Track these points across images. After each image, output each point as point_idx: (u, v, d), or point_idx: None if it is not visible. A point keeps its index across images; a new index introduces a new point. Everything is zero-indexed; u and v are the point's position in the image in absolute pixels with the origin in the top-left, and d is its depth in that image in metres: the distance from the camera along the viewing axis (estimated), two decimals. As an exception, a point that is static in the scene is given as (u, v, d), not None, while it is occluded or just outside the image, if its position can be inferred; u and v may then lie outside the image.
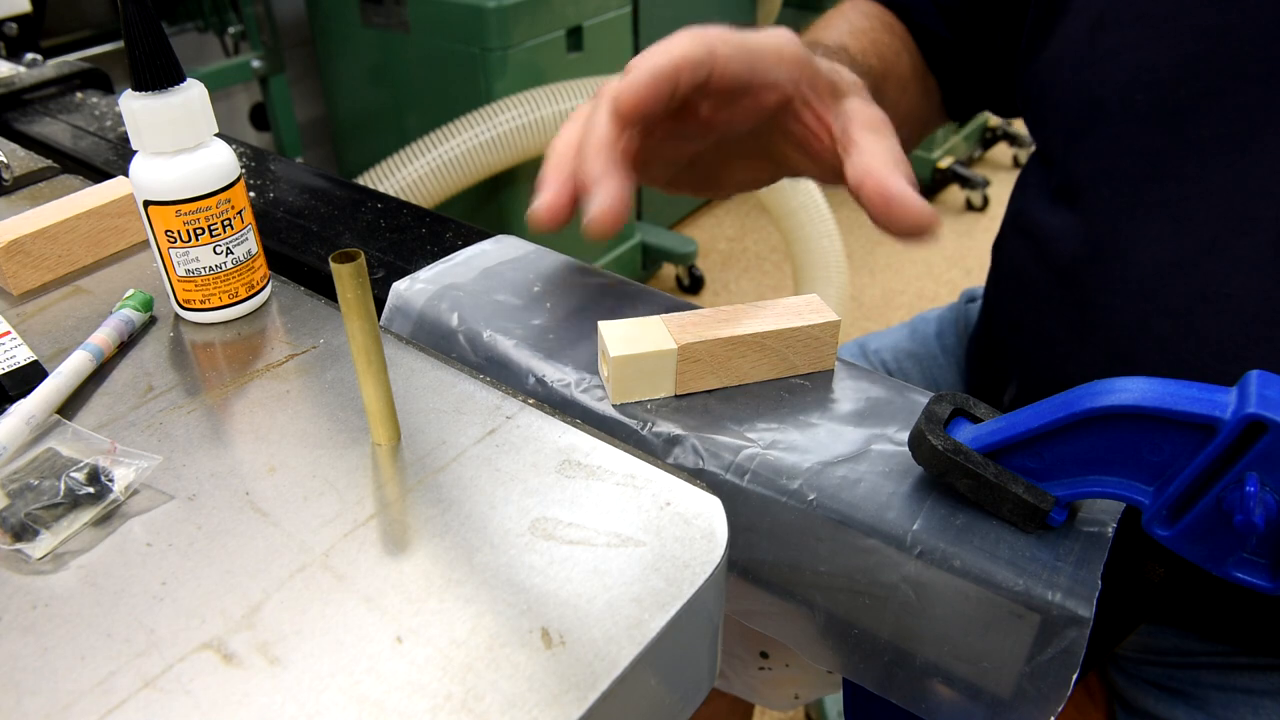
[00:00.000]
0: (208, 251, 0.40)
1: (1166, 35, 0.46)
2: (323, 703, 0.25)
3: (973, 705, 0.32)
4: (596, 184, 0.37)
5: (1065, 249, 0.52)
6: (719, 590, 0.30)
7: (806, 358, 0.38)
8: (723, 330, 0.37)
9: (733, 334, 0.36)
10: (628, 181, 0.37)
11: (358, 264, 0.29)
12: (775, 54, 0.39)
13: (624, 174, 0.37)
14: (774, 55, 0.39)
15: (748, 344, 0.37)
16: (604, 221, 0.36)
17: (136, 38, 0.36)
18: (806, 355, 0.38)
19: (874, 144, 0.40)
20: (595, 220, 0.36)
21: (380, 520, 0.30)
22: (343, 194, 0.57)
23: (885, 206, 0.38)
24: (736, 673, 0.58)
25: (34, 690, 0.25)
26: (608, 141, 0.38)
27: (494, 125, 1.59)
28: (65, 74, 0.73)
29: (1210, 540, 0.28)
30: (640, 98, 0.36)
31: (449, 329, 0.42)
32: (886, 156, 0.39)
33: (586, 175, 0.37)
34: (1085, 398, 0.29)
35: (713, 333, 0.36)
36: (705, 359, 0.37)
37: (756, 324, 0.37)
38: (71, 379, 0.36)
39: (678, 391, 0.37)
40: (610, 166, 0.37)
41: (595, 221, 0.36)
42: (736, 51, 0.38)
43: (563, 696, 0.25)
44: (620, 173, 0.37)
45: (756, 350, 0.37)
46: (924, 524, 0.32)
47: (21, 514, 0.30)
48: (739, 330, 0.37)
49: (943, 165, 2.55)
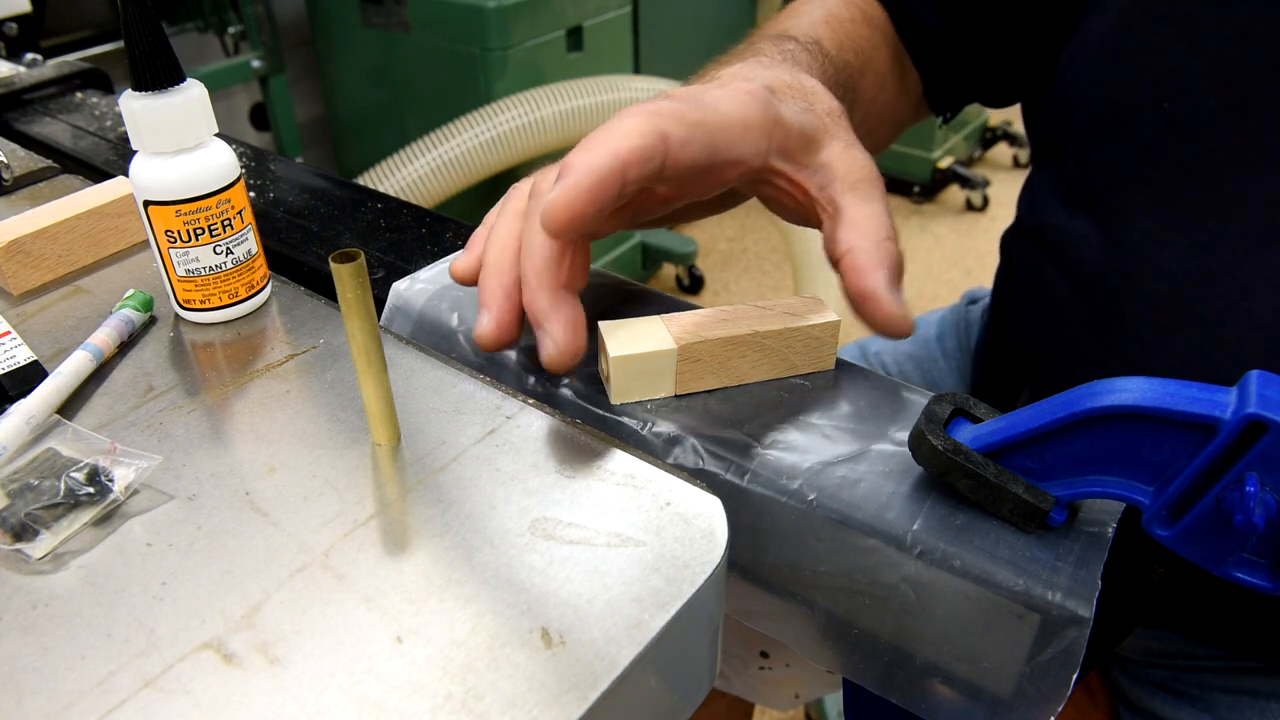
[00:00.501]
0: (208, 251, 0.40)
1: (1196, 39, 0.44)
2: (323, 703, 0.25)
3: (973, 705, 0.32)
4: (546, 319, 0.34)
5: (1085, 256, 0.51)
6: (719, 590, 0.30)
7: (807, 358, 0.38)
8: (723, 330, 0.37)
9: (733, 334, 0.36)
10: (578, 309, 0.35)
11: (358, 264, 0.29)
12: (740, 127, 0.35)
13: (573, 303, 0.34)
14: (738, 129, 0.34)
15: (748, 344, 0.37)
16: (564, 361, 0.34)
17: (136, 38, 0.36)
18: (807, 355, 0.38)
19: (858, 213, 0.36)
20: (553, 362, 0.34)
21: (380, 520, 0.30)
22: (343, 194, 0.57)
23: (860, 301, 0.36)
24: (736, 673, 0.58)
25: (34, 690, 0.25)
26: (549, 263, 0.34)
27: (494, 125, 1.59)
28: (65, 74, 0.73)
29: (1210, 540, 0.28)
30: (576, 213, 0.31)
31: (449, 329, 0.42)
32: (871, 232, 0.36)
33: (532, 308, 0.34)
34: (1085, 397, 0.29)
35: (713, 333, 0.36)
36: (705, 359, 0.37)
37: (757, 324, 0.37)
38: (71, 379, 0.36)
39: (678, 391, 0.37)
40: (556, 299, 0.34)
41: (554, 362, 0.34)
42: (693, 134, 0.33)
43: (563, 696, 0.25)
44: (569, 303, 0.34)
45: (757, 350, 0.37)
46: (924, 524, 0.32)
47: (21, 514, 0.30)
48: (739, 330, 0.37)
49: (943, 165, 2.55)
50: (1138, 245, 0.48)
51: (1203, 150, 0.45)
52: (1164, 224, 0.47)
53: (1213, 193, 0.45)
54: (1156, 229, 0.47)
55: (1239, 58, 0.43)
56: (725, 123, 0.34)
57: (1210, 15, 0.44)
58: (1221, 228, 0.45)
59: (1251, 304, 0.44)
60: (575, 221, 0.32)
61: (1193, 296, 0.46)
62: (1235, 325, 0.45)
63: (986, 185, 2.56)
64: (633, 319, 0.37)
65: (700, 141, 0.33)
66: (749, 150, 0.35)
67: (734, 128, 0.34)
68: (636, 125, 0.32)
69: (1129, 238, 0.48)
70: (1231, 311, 0.45)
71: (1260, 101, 0.43)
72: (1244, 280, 0.44)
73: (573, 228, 0.32)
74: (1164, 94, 0.46)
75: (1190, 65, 0.45)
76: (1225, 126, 0.44)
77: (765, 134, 0.35)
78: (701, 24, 2.31)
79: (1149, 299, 0.47)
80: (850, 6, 0.58)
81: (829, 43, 0.53)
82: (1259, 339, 0.44)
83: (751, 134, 0.35)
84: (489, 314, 0.36)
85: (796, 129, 0.36)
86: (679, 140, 0.33)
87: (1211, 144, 0.45)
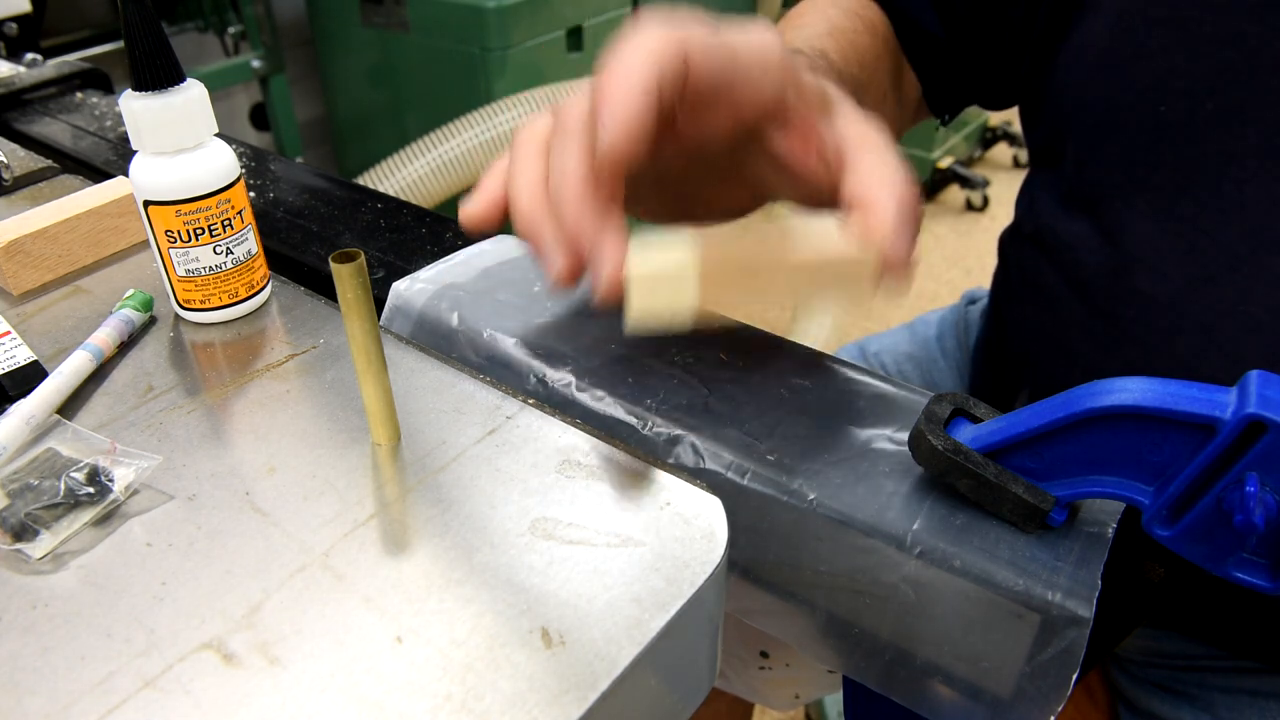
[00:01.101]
0: (208, 251, 0.40)
1: (1196, 41, 0.44)
2: (323, 703, 0.25)
3: (973, 705, 0.32)
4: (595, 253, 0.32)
5: (1083, 259, 0.50)
6: (719, 590, 0.30)
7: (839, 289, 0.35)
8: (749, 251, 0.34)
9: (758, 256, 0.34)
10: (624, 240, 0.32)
11: (358, 264, 0.29)
12: (759, 57, 0.33)
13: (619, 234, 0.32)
14: (757, 58, 0.33)
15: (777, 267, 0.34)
16: (615, 295, 0.32)
17: (136, 38, 0.36)
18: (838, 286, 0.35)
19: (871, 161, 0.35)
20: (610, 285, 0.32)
21: (380, 520, 0.30)
22: (343, 194, 0.57)
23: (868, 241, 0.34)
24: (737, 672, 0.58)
25: (34, 690, 0.25)
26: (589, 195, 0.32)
27: (494, 125, 1.59)
28: (65, 74, 0.73)
29: (1210, 540, 0.28)
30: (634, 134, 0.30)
31: (449, 329, 0.42)
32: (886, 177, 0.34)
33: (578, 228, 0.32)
34: (1085, 397, 0.29)
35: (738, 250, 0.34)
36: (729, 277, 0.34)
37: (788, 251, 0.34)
38: (71, 379, 0.36)
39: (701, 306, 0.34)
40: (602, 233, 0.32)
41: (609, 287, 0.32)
42: (713, 51, 0.32)
43: (563, 696, 0.25)
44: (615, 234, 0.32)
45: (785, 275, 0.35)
46: (924, 524, 0.32)
47: (21, 514, 0.30)
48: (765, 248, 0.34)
49: (943, 165, 2.55)
50: (1135, 248, 0.48)
51: (1200, 153, 0.45)
52: (1161, 227, 0.47)
53: (1210, 196, 0.45)
54: (1154, 232, 0.47)
55: (1237, 60, 0.43)
56: (746, 49, 0.33)
57: (1208, 18, 0.44)
58: (1219, 231, 0.44)
59: (1249, 307, 0.44)
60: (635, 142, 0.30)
61: (1190, 299, 0.46)
62: (1233, 328, 0.44)
63: (986, 185, 2.56)
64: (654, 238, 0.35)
65: (720, 61, 0.32)
66: (767, 81, 0.34)
67: (754, 56, 0.33)
68: (659, 36, 0.31)
69: (1126, 240, 0.48)
70: (1229, 314, 0.45)
71: (1258, 104, 0.43)
72: (1241, 283, 0.44)
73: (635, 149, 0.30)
74: (1162, 97, 0.45)
75: (1188, 68, 0.44)
76: (1223, 129, 0.44)
77: (781, 66, 0.34)
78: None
79: (1146, 302, 0.47)
80: (852, 16, 0.57)
81: (835, 56, 0.52)
82: (1257, 342, 0.44)
83: (770, 66, 0.34)
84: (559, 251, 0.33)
85: (812, 84, 0.36)
86: (700, 53, 0.31)
87: (1209, 147, 0.44)
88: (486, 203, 0.37)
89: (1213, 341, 0.45)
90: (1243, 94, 0.43)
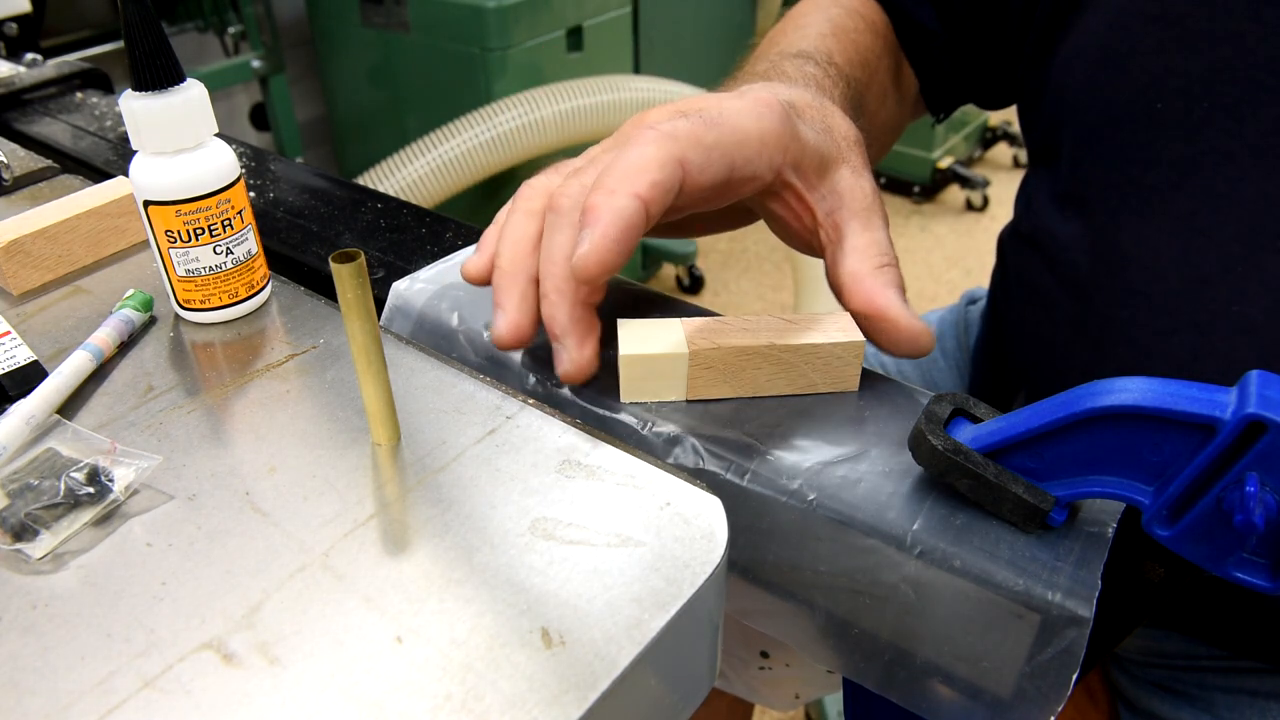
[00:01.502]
0: (208, 251, 0.40)
1: (1192, 39, 0.44)
2: (323, 703, 0.25)
3: (973, 705, 0.32)
4: (564, 334, 0.34)
5: (1077, 260, 0.50)
6: (719, 590, 0.30)
7: (828, 377, 0.37)
8: (739, 339, 0.36)
9: (749, 344, 0.35)
10: (595, 325, 0.35)
11: (358, 264, 0.29)
12: (757, 142, 0.35)
13: (590, 318, 0.35)
14: (755, 144, 0.35)
15: (764, 356, 0.36)
16: (580, 375, 0.35)
17: (136, 38, 0.36)
18: (828, 374, 0.37)
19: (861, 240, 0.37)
20: (569, 376, 0.35)
21: (380, 520, 0.30)
22: (343, 194, 0.57)
23: (873, 320, 0.36)
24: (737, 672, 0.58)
25: (34, 690, 0.25)
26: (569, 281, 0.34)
27: (494, 125, 1.59)
28: (65, 74, 0.73)
29: (1210, 540, 0.28)
30: (608, 264, 0.32)
31: (449, 329, 0.42)
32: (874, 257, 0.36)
33: (551, 323, 0.35)
34: (1085, 397, 0.29)
35: (729, 341, 0.36)
36: (719, 367, 0.36)
37: (776, 337, 0.36)
38: (71, 379, 0.36)
39: (689, 397, 0.37)
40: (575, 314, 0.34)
41: (570, 377, 0.35)
42: (710, 156, 0.33)
43: (563, 696, 0.25)
44: (587, 318, 0.35)
45: (773, 364, 0.36)
46: (924, 524, 0.32)
47: (21, 514, 0.30)
48: (757, 341, 0.36)
49: (943, 165, 2.55)
50: (1130, 248, 0.47)
51: (1195, 152, 0.45)
52: (1156, 226, 0.46)
53: (1205, 195, 0.44)
54: (1149, 232, 0.47)
55: (1232, 58, 0.43)
56: (742, 139, 0.34)
57: (1204, 15, 0.43)
58: (1214, 230, 0.44)
59: (1244, 307, 0.44)
60: (607, 270, 0.32)
61: (1185, 300, 0.46)
62: (1227, 329, 0.44)
63: (986, 185, 2.56)
64: (653, 320, 0.37)
65: (718, 166, 0.34)
66: (764, 165, 0.35)
67: (751, 143, 0.34)
68: (655, 155, 0.32)
69: (1122, 240, 0.48)
70: (1224, 315, 0.44)
71: (1253, 102, 0.43)
72: (1236, 283, 0.44)
73: (605, 274, 0.32)
74: (1157, 95, 0.45)
75: (1183, 66, 0.44)
76: (1218, 128, 0.44)
77: (781, 148, 0.35)
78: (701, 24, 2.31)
79: (1141, 302, 0.47)
80: (853, 15, 0.58)
81: (840, 58, 0.53)
82: (1251, 342, 0.44)
83: (768, 148, 0.35)
84: (505, 316, 0.36)
85: (813, 148, 0.37)
86: (698, 166, 0.33)
87: (1204, 145, 0.44)
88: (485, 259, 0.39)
89: (1207, 343, 0.45)
90: (1238, 92, 0.43)
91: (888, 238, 0.38)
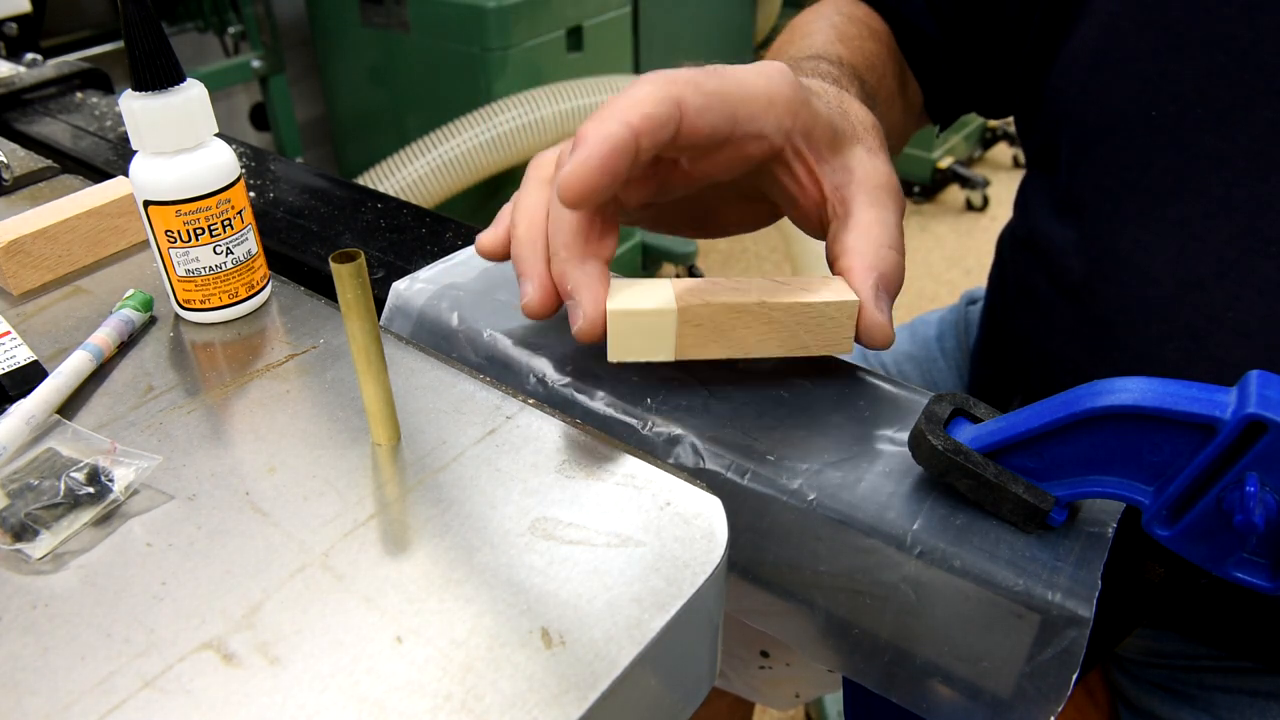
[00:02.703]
0: (208, 251, 0.40)
1: (1185, 45, 0.44)
2: (323, 703, 0.25)
3: (973, 705, 0.32)
4: (576, 290, 0.34)
5: (1074, 265, 0.50)
6: (719, 590, 0.30)
7: (820, 338, 0.36)
8: (729, 297, 0.35)
9: (739, 301, 0.35)
10: (606, 279, 0.35)
11: (358, 264, 0.29)
12: (763, 100, 0.34)
13: (602, 273, 0.35)
14: (761, 101, 0.34)
15: (754, 314, 0.35)
16: (594, 331, 0.34)
17: (136, 38, 0.36)
18: (820, 335, 0.36)
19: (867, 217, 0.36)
20: (584, 333, 0.34)
21: (380, 520, 0.30)
22: (343, 194, 0.57)
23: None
24: (737, 672, 0.58)
25: (34, 690, 0.25)
26: (576, 235, 0.34)
27: (494, 125, 1.59)
28: (65, 74, 0.73)
29: (1210, 540, 0.28)
30: (590, 184, 0.31)
31: (449, 329, 0.42)
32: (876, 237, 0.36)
33: (561, 279, 0.35)
34: (1085, 397, 0.29)
35: (718, 298, 0.35)
36: (708, 325, 0.35)
37: (767, 295, 0.35)
38: (71, 379, 0.36)
39: (677, 356, 0.36)
40: (585, 269, 0.34)
41: (584, 333, 0.34)
42: (711, 101, 0.33)
43: (563, 696, 0.25)
44: (598, 273, 0.34)
45: (764, 323, 0.35)
46: (924, 524, 0.32)
47: (21, 514, 0.30)
48: (746, 299, 0.35)
49: (943, 165, 2.56)
50: (1126, 253, 0.47)
51: (1190, 157, 0.45)
52: (1152, 232, 0.46)
53: (1200, 200, 0.44)
54: (1145, 237, 0.47)
55: (1226, 63, 0.43)
56: (747, 94, 0.34)
57: (1197, 21, 0.43)
58: (1208, 234, 0.44)
59: (1239, 312, 0.44)
60: (590, 192, 0.31)
61: (1180, 305, 0.45)
62: (1222, 333, 0.44)
63: (986, 185, 2.57)
64: (643, 280, 0.36)
65: (718, 110, 0.33)
66: (771, 125, 0.34)
67: (757, 99, 0.34)
68: (650, 92, 0.32)
69: (1117, 245, 0.48)
70: (1219, 320, 0.44)
71: (1247, 107, 0.42)
72: (1231, 288, 0.44)
73: (588, 198, 0.32)
74: (1152, 101, 0.45)
75: (1178, 71, 0.44)
76: (1212, 133, 0.44)
77: (790, 111, 0.35)
78: (701, 24, 2.31)
79: (1136, 307, 0.47)
80: (857, 23, 0.58)
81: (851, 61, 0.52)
82: (1246, 347, 0.44)
83: (776, 109, 0.34)
84: (532, 283, 0.36)
85: (825, 119, 0.36)
86: (695, 107, 0.32)
87: (1199, 150, 0.44)
88: (500, 232, 0.39)
89: (1202, 348, 0.45)
90: (1231, 97, 0.43)
91: (897, 219, 0.37)
